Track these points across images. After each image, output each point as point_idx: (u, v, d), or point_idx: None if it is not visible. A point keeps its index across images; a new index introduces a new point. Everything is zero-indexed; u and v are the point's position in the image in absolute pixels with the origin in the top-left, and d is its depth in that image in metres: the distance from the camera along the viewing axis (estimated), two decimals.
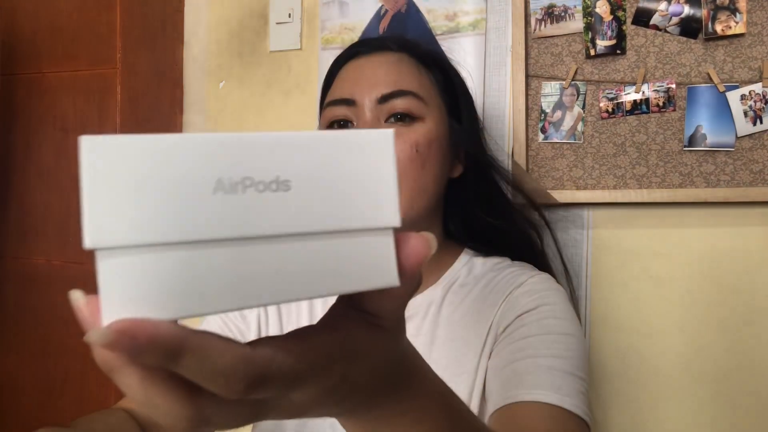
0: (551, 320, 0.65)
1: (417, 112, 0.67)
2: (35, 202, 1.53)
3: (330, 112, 0.69)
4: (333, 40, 1.15)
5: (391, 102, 0.67)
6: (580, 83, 0.98)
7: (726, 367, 0.93)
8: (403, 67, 0.69)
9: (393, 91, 0.67)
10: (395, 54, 0.71)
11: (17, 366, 1.57)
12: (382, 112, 0.67)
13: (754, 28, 0.90)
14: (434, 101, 0.71)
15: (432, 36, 1.06)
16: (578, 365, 0.62)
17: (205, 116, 1.28)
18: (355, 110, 0.68)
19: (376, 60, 0.70)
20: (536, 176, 1.00)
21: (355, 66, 0.71)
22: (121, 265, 0.26)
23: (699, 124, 0.93)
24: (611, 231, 0.98)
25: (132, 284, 0.25)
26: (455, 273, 0.75)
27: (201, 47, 1.28)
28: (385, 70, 0.68)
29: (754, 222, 0.92)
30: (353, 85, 0.68)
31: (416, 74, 0.70)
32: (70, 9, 1.47)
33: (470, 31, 1.04)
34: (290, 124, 1.20)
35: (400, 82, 0.68)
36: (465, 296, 0.73)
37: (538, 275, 0.72)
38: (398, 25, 1.09)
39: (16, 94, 1.53)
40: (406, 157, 0.66)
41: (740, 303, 0.93)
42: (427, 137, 0.67)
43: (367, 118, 0.66)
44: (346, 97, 0.68)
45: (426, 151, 0.67)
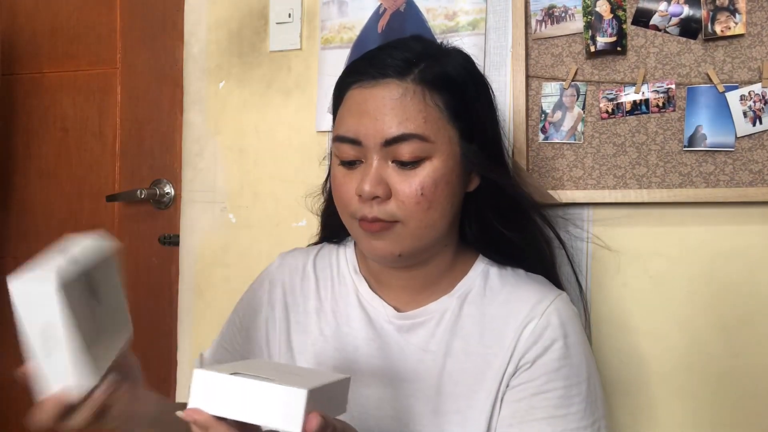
0: (569, 369, 0.69)
1: (422, 154, 0.67)
2: (35, 202, 1.53)
3: (340, 150, 0.70)
4: (332, 40, 1.15)
5: (395, 146, 0.67)
6: (581, 84, 0.98)
7: (726, 367, 0.93)
8: (407, 103, 0.67)
9: (396, 135, 0.66)
10: (400, 86, 0.67)
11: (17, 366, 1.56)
12: (387, 155, 0.68)
13: (753, 28, 0.91)
14: (442, 133, 0.68)
15: (431, 35, 1.06)
16: (592, 409, 0.70)
17: (205, 116, 1.28)
18: (362, 150, 0.68)
19: (380, 95, 0.67)
20: (536, 176, 1.00)
21: (360, 99, 0.69)
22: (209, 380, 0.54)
23: (699, 124, 0.93)
24: (611, 231, 0.98)
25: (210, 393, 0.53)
26: (470, 282, 0.76)
27: (201, 47, 1.28)
28: (389, 109, 0.67)
29: (753, 222, 0.92)
30: (358, 125, 0.68)
31: (422, 109, 0.67)
32: (70, 9, 1.47)
33: (469, 31, 1.04)
34: (290, 124, 1.20)
35: (405, 122, 0.66)
36: (484, 310, 0.74)
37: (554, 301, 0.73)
38: (397, 24, 1.09)
39: (16, 94, 1.53)
40: (412, 200, 0.67)
41: (740, 303, 0.93)
42: (432, 177, 0.67)
43: (373, 162, 0.68)
44: (352, 137, 0.68)
45: (432, 192, 0.67)
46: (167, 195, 1.36)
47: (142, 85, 1.40)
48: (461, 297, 0.75)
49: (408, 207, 0.67)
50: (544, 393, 0.68)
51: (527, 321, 0.71)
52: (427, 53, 0.71)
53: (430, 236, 0.70)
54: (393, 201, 0.67)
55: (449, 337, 0.73)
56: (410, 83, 0.67)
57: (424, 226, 0.68)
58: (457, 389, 0.71)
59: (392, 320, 0.76)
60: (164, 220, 1.37)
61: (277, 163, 1.21)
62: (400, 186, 0.67)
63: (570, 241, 0.99)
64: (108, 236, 0.66)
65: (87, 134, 1.46)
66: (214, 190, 1.27)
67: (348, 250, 0.83)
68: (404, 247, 0.69)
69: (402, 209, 0.67)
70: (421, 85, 0.68)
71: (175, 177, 1.34)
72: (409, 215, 0.68)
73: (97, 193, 1.44)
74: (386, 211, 0.68)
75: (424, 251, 0.72)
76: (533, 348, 0.70)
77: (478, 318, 0.73)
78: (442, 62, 0.71)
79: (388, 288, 0.78)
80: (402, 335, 0.75)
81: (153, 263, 1.39)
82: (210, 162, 1.27)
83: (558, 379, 0.69)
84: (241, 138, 1.24)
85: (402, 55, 0.69)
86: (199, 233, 1.29)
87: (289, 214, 1.20)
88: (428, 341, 0.74)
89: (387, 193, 0.67)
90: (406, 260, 0.72)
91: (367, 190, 0.67)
